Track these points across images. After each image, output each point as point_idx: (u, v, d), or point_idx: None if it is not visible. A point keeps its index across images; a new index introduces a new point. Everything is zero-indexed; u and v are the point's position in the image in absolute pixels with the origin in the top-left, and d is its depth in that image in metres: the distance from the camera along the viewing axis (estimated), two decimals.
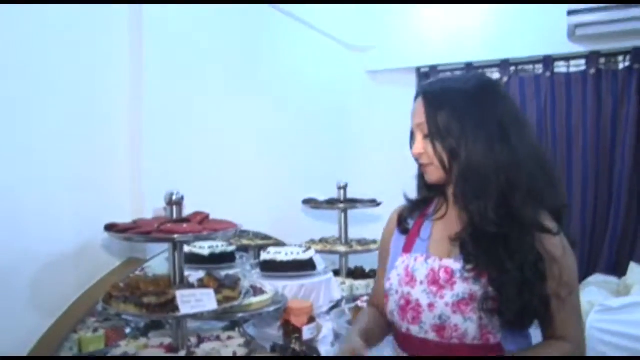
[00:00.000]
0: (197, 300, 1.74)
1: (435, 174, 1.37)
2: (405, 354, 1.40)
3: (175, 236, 1.79)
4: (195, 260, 2.61)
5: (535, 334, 1.36)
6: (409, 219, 1.49)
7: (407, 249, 1.44)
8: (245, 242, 3.05)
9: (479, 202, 1.28)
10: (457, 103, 1.32)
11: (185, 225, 1.80)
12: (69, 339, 2.03)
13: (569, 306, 1.29)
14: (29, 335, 1.83)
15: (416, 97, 1.41)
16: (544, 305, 1.26)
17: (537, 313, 1.26)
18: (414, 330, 1.34)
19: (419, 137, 1.38)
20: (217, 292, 1.82)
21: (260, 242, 3.03)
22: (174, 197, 1.90)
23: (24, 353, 1.80)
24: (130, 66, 2.22)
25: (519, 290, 1.23)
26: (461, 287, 1.29)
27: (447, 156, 1.33)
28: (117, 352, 1.85)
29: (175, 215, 1.90)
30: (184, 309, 1.71)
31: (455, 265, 1.32)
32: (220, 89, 2.63)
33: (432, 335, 1.31)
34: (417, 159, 1.41)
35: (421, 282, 1.34)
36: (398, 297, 1.38)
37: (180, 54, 2.40)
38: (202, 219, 1.89)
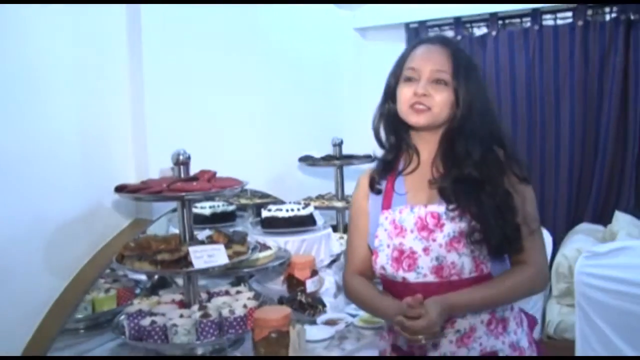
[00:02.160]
0: (209, 256, 1.80)
1: (427, 119, 1.43)
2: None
3: (184, 194, 1.84)
4: (197, 220, 2.66)
5: None
6: (382, 180, 1.54)
7: (387, 205, 1.50)
8: (243, 201, 3.10)
9: (476, 153, 1.41)
10: (472, 63, 1.48)
11: (195, 183, 1.84)
12: (82, 300, 2.09)
13: (536, 236, 1.44)
14: (45, 298, 1.89)
15: (426, 42, 1.49)
16: (517, 234, 1.39)
17: (511, 242, 1.39)
18: (411, 276, 1.41)
19: (425, 79, 1.42)
20: (226, 247, 1.88)
21: (258, 200, 3.07)
22: (181, 157, 1.95)
23: (42, 314, 1.86)
24: (129, 29, 2.22)
25: (496, 221, 1.36)
26: (450, 227, 1.40)
27: (461, 109, 1.42)
28: (131, 309, 1.91)
29: (182, 175, 1.95)
30: (197, 264, 1.77)
31: (440, 208, 1.43)
32: (216, 49, 2.62)
33: (430, 278, 1.40)
34: (414, 99, 1.42)
35: (411, 231, 1.42)
36: (390, 250, 1.44)
37: (179, 18, 2.39)
38: (210, 177, 1.93)
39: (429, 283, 1.40)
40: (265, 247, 2.35)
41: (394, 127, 1.52)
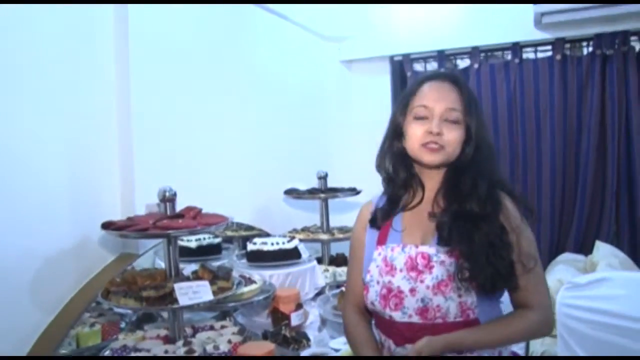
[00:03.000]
0: (194, 292, 1.82)
1: (442, 157, 1.43)
2: (389, 340, 1.48)
3: (170, 231, 1.87)
4: (183, 253, 2.67)
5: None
6: (383, 219, 1.54)
7: (382, 241, 1.51)
8: (229, 233, 3.12)
9: (482, 188, 1.43)
10: (477, 101, 1.48)
11: (180, 220, 1.87)
12: (66, 335, 2.09)
13: (534, 276, 1.41)
14: (30, 333, 1.89)
15: (434, 79, 1.49)
16: (510, 270, 1.38)
17: (505, 279, 1.38)
18: (397, 316, 1.43)
19: (438, 118, 1.42)
20: (211, 283, 1.90)
21: (244, 233, 3.10)
22: (167, 194, 1.97)
23: (27, 350, 1.86)
24: (116, 67, 2.27)
25: (487, 256, 1.36)
26: (439, 270, 1.40)
27: (471, 147, 1.44)
28: (116, 345, 1.92)
29: (168, 211, 1.97)
30: (182, 301, 1.79)
31: (431, 250, 1.43)
32: (203, 85, 2.68)
33: (415, 319, 1.40)
34: (428, 138, 1.42)
35: (400, 270, 1.43)
36: (379, 287, 1.45)
37: (165, 54, 2.45)
38: (195, 214, 1.96)
39: (413, 324, 1.41)
40: (250, 281, 2.36)
41: (403, 165, 1.52)
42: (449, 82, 1.48)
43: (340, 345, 2.16)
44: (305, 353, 2.10)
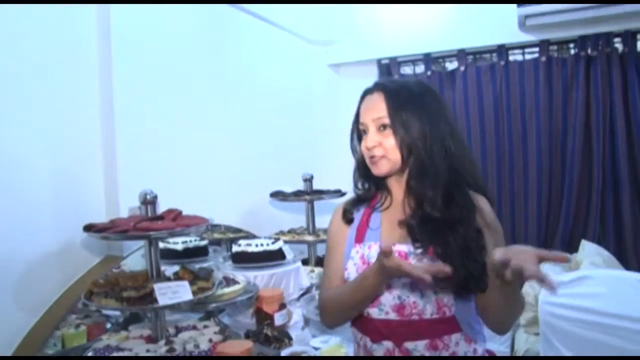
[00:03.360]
0: (173, 292, 1.85)
1: (386, 166, 1.48)
2: (366, 338, 1.51)
3: (151, 233, 1.90)
4: (170, 255, 2.71)
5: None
6: (353, 211, 1.59)
7: (359, 239, 1.55)
8: (217, 235, 3.16)
9: (432, 192, 1.44)
10: (415, 102, 1.47)
11: (160, 222, 1.91)
12: (52, 336, 2.13)
13: None
14: (13, 334, 1.92)
15: (367, 93, 1.54)
16: (483, 273, 1.38)
17: (478, 281, 1.39)
18: (374, 312, 1.46)
19: (372, 130, 1.48)
20: (192, 283, 1.94)
21: (231, 235, 3.13)
22: (148, 197, 2.01)
23: (9, 352, 1.89)
24: (99, 68, 2.29)
25: (462, 261, 1.38)
26: None
27: (404, 150, 1.46)
28: (99, 345, 1.95)
29: (149, 214, 2.01)
30: (162, 300, 1.82)
31: (408, 248, 1.46)
32: (188, 88, 2.71)
33: (392, 315, 1.44)
34: (369, 152, 1.49)
35: None
36: None
37: (148, 57, 2.48)
38: (175, 215, 2.00)
39: (390, 320, 1.44)
40: (234, 281, 2.40)
41: (366, 175, 1.58)
42: (376, 91, 1.51)
43: (320, 343, 2.20)
44: (286, 352, 2.14)
